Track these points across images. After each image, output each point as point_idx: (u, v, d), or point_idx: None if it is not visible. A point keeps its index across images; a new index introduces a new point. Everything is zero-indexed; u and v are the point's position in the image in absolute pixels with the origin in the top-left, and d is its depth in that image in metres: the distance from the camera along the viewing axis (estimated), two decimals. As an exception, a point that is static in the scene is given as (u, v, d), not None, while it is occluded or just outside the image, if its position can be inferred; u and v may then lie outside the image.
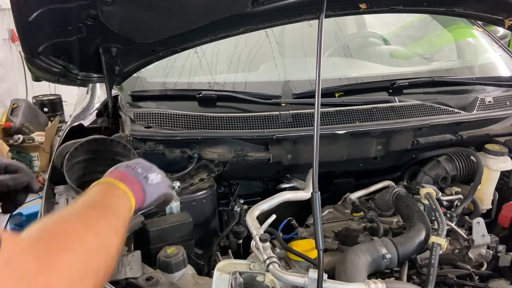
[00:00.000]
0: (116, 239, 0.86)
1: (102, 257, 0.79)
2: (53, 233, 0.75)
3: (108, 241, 0.83)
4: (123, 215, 0.94)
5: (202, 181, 1.57)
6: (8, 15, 5.49)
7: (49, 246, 0.71)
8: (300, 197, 1.58)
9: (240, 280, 1.18)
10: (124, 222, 0.93)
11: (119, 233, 0.88)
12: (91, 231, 0.81)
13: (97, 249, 0.79)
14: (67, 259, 0.71)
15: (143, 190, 1.04)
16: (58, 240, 0.73)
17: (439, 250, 1.33)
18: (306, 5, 1.52)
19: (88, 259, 0.75)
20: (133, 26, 1.46)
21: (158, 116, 1.65)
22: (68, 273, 0.70)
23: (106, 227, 0.85)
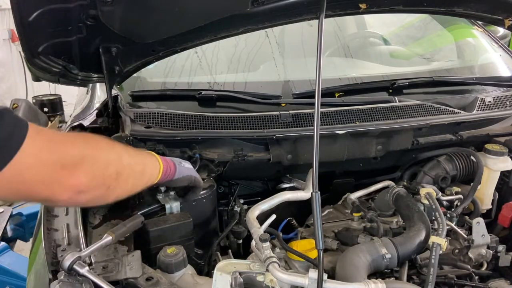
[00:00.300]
0: (129, 158, 1.10)
1: (112, 157, 1.04)
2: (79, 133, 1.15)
3: (121, 154, 1.08)
4: (146, 160, 1.21)
5: (202, 181, 1.57)
6: (8, 15, 5.50)
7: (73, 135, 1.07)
8: (300, 197, 1.58)
9: (240, 280, 1.18)
10: (145, 164, 1.19)
11: (135, 159, 1.14)
12: (108, 142, 1.09)
13: (110, 152, 1.05)
14: (84, 144, 0.99)
15: (174, 166, 1.32)
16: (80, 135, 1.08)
17: (439, 250, 1.33)
18: (306, 5, 1.52)
19: (100, 152, 1.02)
20: (133, 26, 1.46)
21: (158, 116, 1.65)
22: (83, 152, 0.96)
23: (121, 147, 1.12)
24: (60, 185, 0.92)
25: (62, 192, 0.93)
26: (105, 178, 1.01)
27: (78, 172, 0.93)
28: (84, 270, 1.07)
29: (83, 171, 0.95)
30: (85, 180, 0.95)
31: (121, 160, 1.07)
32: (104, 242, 1.18)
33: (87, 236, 1.29)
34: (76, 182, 0.93)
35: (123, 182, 1.07)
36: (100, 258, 1.20)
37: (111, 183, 1.03)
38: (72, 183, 0.93)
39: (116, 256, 1.21)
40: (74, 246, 1.23)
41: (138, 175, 1.15)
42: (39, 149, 0.88)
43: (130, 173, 1.09)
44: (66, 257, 1.08)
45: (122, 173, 1.05)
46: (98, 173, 0.99)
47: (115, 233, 1.21)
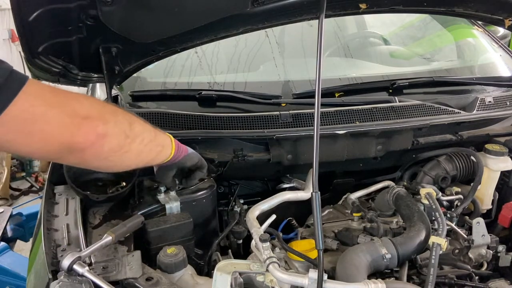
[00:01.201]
0: (140, 127, 1.10)
1: (125, 118, 1.04)
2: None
3: (132, 121, 1.07)
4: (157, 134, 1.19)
5: (202, 181, 1.57)
6: (8, 15, 5.50)
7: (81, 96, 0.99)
8: (300, 197, 1.58)
9: (240, 280, 1.18)
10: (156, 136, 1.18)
11: (146, 128, 1.13)
12: (116, 109, 1.07)
13: (121, 116, 1.04)
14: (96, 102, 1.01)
15: (186, 149, 1.35)
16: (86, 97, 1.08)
17: (439, 250, 1.33)
18: (306, 5, 1.52)
19: (114, 112, 1.01)
20: (133, 26, 1.46)
21: (158, 116, 1.65)
22: (98, 107, 0.98)
23: (132, 116, 1.10)
24: (79, 129, 0.91)
25: (83, 134, 0.92)
26: (122, 132, 1.02)
27: (98, 120, 0.94)
28: (84, 270, 1.07)
29: (103, 121, 0.96)
30: (105, 127, 0.95)
31: (132, 125, 1.07)
32: (104, 242, 1.18)
33: (87, 236, 1.30)
34: (96, 128, 0.93)
35: (134, 148, 1.07)
36: (100, 258, 1.20)
37: (125, 141, 1.03)
38: (92, 127, 0.93)
39: (116, 256, 1.21)
40: (74, 246, 1.24)
41: (149, 145, 1.14)
42: (45, 91, 0.87)
43: (142, 141, 1.10)
44: (66, 257, 1.08)
45: (135, 138, 1.06)
46: (117, 125, 1.00)
47: (115, 233, 1.21)
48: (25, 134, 0.85)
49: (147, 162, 1.20)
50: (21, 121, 0.83)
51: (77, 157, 0.97)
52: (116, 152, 1.03)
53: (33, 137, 0.87)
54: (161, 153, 1.23)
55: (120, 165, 1.11)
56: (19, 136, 0.85)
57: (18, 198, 4.58)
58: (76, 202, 1.43)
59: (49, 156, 0.98)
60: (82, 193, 1.41)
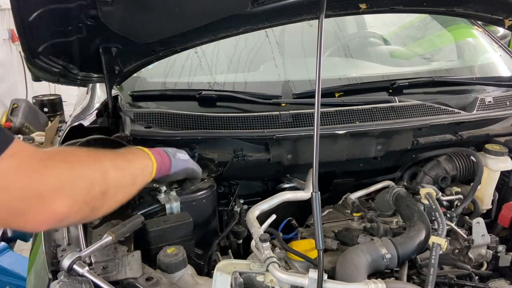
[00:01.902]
0: (117, 173, 0.99)
1: (96, 177, 0.93)
2: (60, 151, 0.94)
3: (106, 169, 0.96)
4: (136, 164, 1.11)
5: (202, 181, 1.57)
6: (8, 15, 5.50)
7: (52, 155, 0.87)
8: (300, 197, 1.58)
9: (240, 280, 1.18)
10: (136, 170, 1.10)
11: (123, 170, 1.02)
12: (92, 158, 0.96)
13: (93, 170, 0.93)
14: (63, 166, 0.86)
15: (170, 161, 1.26)
16: (61, 154, 0.90)
17: (439, 250, 1.33)
18: (306, 5, 1.52)
19: (81, 173, 0.90)
20: (133, 26, 1.46)
21: (158, 116, 1.65)
22: (62, 176, 0.84)
23: (108, 160, 0.99)
24: (35, 215, 0.82)
25: (37, 222, 0.84)
26: (89, 201, 0.91)
27: (55, 201, 0.82)
28: (84, 270, 1.07)
29: (62, 198, 0.84)
30: (64, 209, 0.84)
31: (107, 177, 0.96)
32: (104, 242, 1.18)
33: (87, 236, 1.29)
34: (53, 212, 0.83)
35: (110, 199, 0.98)
36: (100, 258, 1.20)
37: (95, 204, 0.93)
38: (48, 213, 0.83)
39: (116, 256, 1.21)
40: (74, 246, 1.23)
41: (128, 186, 1.06)
42: (8, 173, 0.77)
43: (118, 188, 1.00)
44: (66, 257, 1.08)
45: (108, 190, 0.96)
46: (80, 198, 0.88)
47: (115, 233, 1.21)
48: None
49: (130, 195, 1.10)
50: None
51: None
52: (83, 220, 0.98)
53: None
54: (141, 187, 1.13)
55: (103, 213, 1.02)
56: None
57: (18, 198, 4.57)
58: (76, 202, 1.43)
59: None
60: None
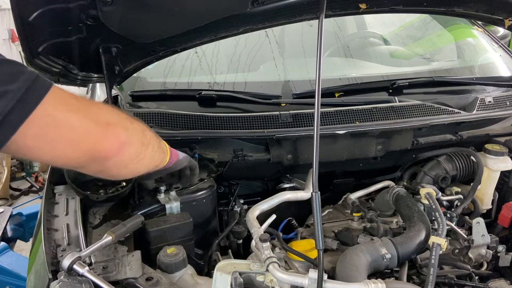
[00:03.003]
0: (150, 132, 1.09)
1: (140, 125, 1.04)
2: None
3: (144, 127, 1.06)
4: (158, 139, 1.17)
5: (202, 181, 1.57)
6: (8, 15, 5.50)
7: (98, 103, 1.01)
8: (300, 197, 1.58)
9: (240, 280, 1.18)
10: (159, 141, 1.17)
11: (152, 133, 1.11)
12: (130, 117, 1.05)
13: (136, 123, 1.02)
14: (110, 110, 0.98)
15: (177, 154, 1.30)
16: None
17: (439, 250, 1.33)
18: (306, 5, 1.52)
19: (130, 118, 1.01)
20: (133, 26, 1.46)
21: (158, 116, 1.65)
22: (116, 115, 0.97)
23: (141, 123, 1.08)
24: (104, 133, 0.90)
25: (108, 141, 0.91)
26: (139, 140, 1.01)
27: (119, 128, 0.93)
28: (84, 270, 1.07)
29: (123, 128, 0.95)
30: (125, 135, 0.94)
31: (145, 132, 1.06)
32: (104, 242, 1.18)
33: (87, 236, 1.30)
34: (118, 135, 0.93)
35: (148, 155, 1.07)
36: (100, 258, 1.20)
37: (143, 140, 1.03)
38: (115, 135, 0.92)
39: (116, 256, 1.21)
40: (74, 246, 1.24)
41: (156, 150, 1.14)
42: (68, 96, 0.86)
43: (153, 145, 1.10)
44: (66, 257, 1.08)
45: (146, 144, 1.05)
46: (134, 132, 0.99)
47: (115, 233, 1.21)
48: (48, 140, 0.83)
49: (154, 167, 1.18)
50: (44, 126, 0.81)
51: (99, 166, 0.95)
52: (133, 160, 1.02)
53: (57, 144, 0.85)
54: (164, 158, 1.22)
55: (134, 173, 1.09)
56: (41, 142, 0.83)
57: (18, 198, 4.58)
58: (76, 202, 1.43)
59: (71, 164, 0.95)
60: (82, 193, 1.41)
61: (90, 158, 0.92)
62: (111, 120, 0.94)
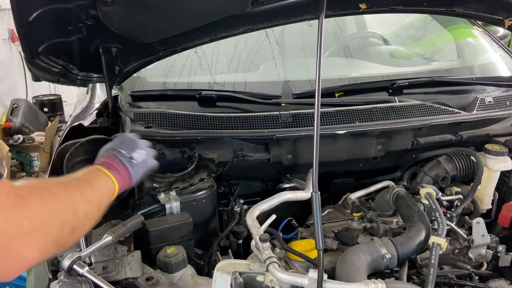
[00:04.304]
0: (86, 206, 0.99)
1: (68, 215, 0.93)
2: (36, 186, 0.92)
3: (77, 205, 0.96)
4: (101, 192, 1.08)
5: (202, 181, 1.57)
6: (8, 15, 5.49)
7: (29, 192, 0.87)
8: (300, 197, 1.58)
9: (240, 280, 1.18)
10: (102, 198, 1.07)
11: (91, 203, 1.01)
12: (64, 192, 0.95)
13: (65, 208, 0.93)
14: (39, 205, 0.86)
15: (129, 173, 1.18)
16: (37, 190, 0.90)
17: (439, 250, 1.33)
18: (306, 5, 1.52)
19: (55, 212, 0.89)
20: (133, 26, 1.46)
21: (158, 116, 1.65)
22: (37, 216, 0.84)
23: (78, 194, 0.99)
24: (5, 267, 0.80)
25: (8, 274, 0.81)
26: (59, 239, 0.89)
27: (26, 246, 0.80)
28: (84, 270, 1.07)
29: (34, 243, 0.82)
30: (36, 253, 0.83)
31: (77, 212, 0.95)
32: (104, 242, 1.18)
33: (87, 236, 1.29)
34: (26, 258, 0.81)
35: (78, 233, 0.98)
36: (100, 258, 1.20)
37: (65, 241, 0.93)
38: (20, 262, 0.81)
39: (116, 256, 1.21)
40: (74, 246, 1.23)
41: (95, 216, 1.04)
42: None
43: (86, 222, 1.00)
44: (66, 257, 1.08)
45: (78, 226, 0.95)
46: (51, 239, 0.87)
47: (115, 233, 1.21)
48: None
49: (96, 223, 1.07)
50: None
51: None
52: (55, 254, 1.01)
53: None
54: (106, 203, 1.10)
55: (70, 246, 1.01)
56: None
57: (18, 198, 4.57)
58: (76, 202, 1.43)
59: None
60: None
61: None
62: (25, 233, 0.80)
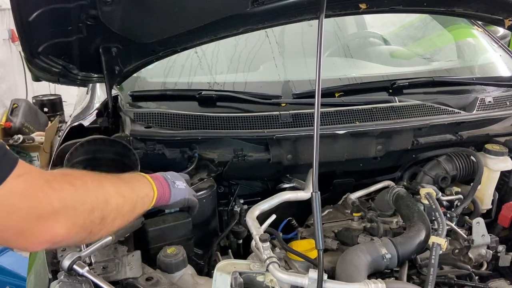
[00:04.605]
0: (119, 199, 1.00)
1: (98, 202, 0.94)
2: (66, 173, 0.96)
3: (110, 196, 0.98)
4: (138, 193, 1.11)
5: (202, 181, 1.57)
6: (8, 15, 5.49)
7: (58, 177, 0.89)
8: (300, 197, 1.58)
9: (240, 280, 1.18)
10: (138, 198, 1.09)
11: (126, 198, 1.03)
12: (97, 182, 0.97)
13: (96, 195, 0.94)
14: (68, 188, 0.87)
15: (169, 190, 1.25)
16: (66, 176, 0.92)
17: (439, 250, 1.33)
18: (306, 5, 1.52)
19: (85, 196, 0.91)
20: (133, 26, 1.46)
21: (158, 116, 1.65)
22: (66, 198, 0.86)
23: (112, 186, 1.01)
24: (33, 236, 0.83)
25: (35, 244, 0.85)
26: (87, 225, 0.92)
27: (55, 223, 0.84)
28: (84, 270, 1.07)
29: (62, 221, 0.85)
30: (62, 231, 0.85)
31: (109, 203, 0.97)
32: (104, 242, 1.18)
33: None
34: (52, 233, 0.85)
35: (108, 225, 0.99)
36: (100, 258, 1.20)
37: (93, 228, 0.94)
38: (48, 235, 0.84)
39: (116, 256, 1.21)
40: (74, 246, 1.23)
41: (127, 214, 1.06)
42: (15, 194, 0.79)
43: (117, 214, 1.01)
44: (66, 257, 1.08)
45: (108, 216, 0.97)
46: (79, 221, 0.89)
47: (115, 233, 1.20)
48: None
49: (128, 221, 1.10)
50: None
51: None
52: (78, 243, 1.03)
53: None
54: (141, 207, 1.13)
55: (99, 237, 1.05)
56: None
57: (18, 198, 4.57)
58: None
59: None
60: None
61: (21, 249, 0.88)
62: (56, 210, 0.84)
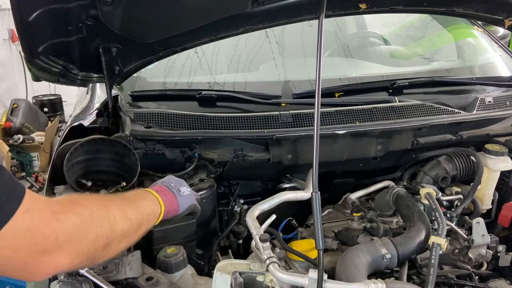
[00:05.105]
0: (125, 224, 1.00)
1: (104, 230, 0.94)
2: (73, 200, 0.95)
3: (115, 221, 0.97)
4: (144, 212, 1.10)
5: (202, 181, 1.57)
6: (8, 15, 5.50)
7: (64, 207, 0.89)
8: (300, 197, 1.58)
9: (240, 280, 1.18)
10: (144, 218, 1.09)
11: (131, 221, 1.03)
12: (103, 209, 0.96)
13: (101, 222, 0.94)
14: (74, 220, 0.87)
15: (177, 201, 1.25)
16: (72, 205, 0.91)
17: (439, 250, 1.33)
18: (306, 5, 1.52)
19: (90, 227, 0.91)
20: (133, 26, 1.46)
21: (158, 116, 1.65)
22: (71, 230, 0.86)
23: (118, 210, 1.00)
24: (37, 270, 0.84)
25: (38, 277, 0.86)
26: (91, 253, 0.92)
27: (59, 256, 0.84)
28: (84, 270, 1.07)
29: (66, 254, 0.85)
30: (66, 262, 0.86)
31: (114, 229, 0.97)
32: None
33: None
34: (55, 266, 0.85)
35: (113, 250, 0.99)
36: (100, 258, 1.20)
37: (97, 255, 0.94)
38: (51, 268, 0.85)
39: (116, 256, 1.21)
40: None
41: (133, 235, 1.05)
42: (21, 232, 0.78)
43: (122, 239, 1.01)
44: (66, 257, 1.08)
45: (113, 241, 0.97)
46: (83, 251, 0.90)
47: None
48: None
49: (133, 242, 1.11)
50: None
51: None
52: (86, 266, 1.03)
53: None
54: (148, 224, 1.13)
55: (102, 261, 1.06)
56: None
57: (18, 198, 4.56)
58: (76, 202, 1.43)
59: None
60: (82, 193, 1.41)
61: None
62: (60, 244, 0.84)
